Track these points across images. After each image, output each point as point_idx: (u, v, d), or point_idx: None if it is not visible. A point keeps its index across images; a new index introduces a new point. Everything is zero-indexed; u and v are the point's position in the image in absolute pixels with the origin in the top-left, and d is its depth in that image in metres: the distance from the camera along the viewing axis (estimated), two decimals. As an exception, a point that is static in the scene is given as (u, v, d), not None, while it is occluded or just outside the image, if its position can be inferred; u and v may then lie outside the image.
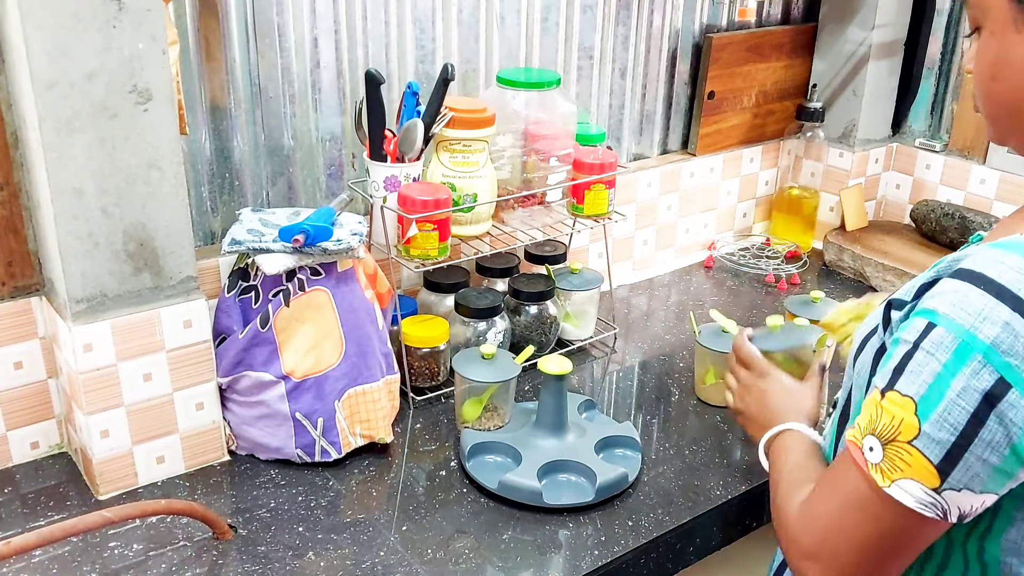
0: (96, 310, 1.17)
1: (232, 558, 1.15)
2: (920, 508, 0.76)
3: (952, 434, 0.74)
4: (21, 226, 1.23)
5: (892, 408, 0.77)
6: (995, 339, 0.72)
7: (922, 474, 0.75)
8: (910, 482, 0.76)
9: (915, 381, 0.75)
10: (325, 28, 1.45)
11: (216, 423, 1.31)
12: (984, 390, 0.72)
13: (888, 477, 0.77)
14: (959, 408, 0.73)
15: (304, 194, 1.52)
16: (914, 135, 2.16)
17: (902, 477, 0.76)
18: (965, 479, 0.75)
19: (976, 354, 0.73)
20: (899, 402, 0.76)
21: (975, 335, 0.73)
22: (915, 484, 0.76)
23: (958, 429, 0.73)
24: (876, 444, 0.78)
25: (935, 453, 0.74)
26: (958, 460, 0.74)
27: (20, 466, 1.31)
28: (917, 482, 0.76)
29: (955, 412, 0.73)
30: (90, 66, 1.07)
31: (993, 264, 0.74)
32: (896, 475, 0.77)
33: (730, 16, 1.99)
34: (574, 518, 1.23)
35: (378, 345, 1.36)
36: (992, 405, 0.72)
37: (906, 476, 0.76)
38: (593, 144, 1.61)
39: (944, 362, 0.74)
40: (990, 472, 0.74)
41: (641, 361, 1.67)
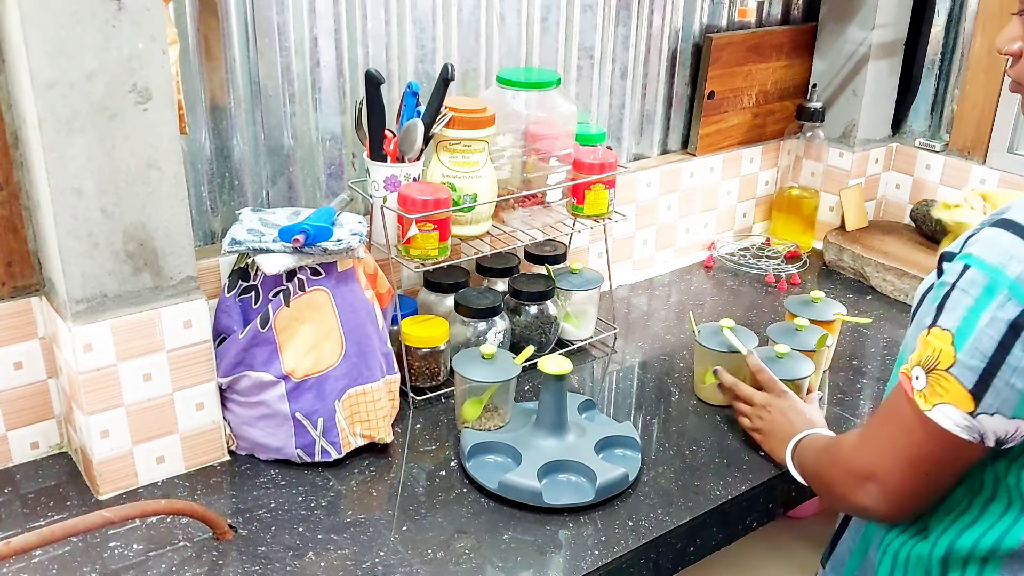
0: (96, 310, 1.17)
1: (232, 558, 1.15)
2: (958, 431, 0.84)
3: (983, 361, 0.82)
4: (21, 226, 1.23)
5: (934, 341, 0.85)
6: (1020, 274, 0.80)
7: (959, 399, 0.84)
8: (949, 407, 0.84)
9: (951, 316, 0.84)
10: (325, 28, 1.45)
11: (216, 423, 1.31)
12: (1010, 320, 0.80)
13: (929, 401, 0.86)
14: (988, 337, 0.81)
15: (304, 194, 1.52)
16: (914, 135, 2.16)
17: (941, 402, 0.85)
18: (997, 403, 0.82)
19: (1003, 289, 0.80)
20: (940, 335, 0.85)
21: (1002, 271, 0.81)
22: (953, 409, 0.84)
23: (987, 356, 0.81)
24: (921, 373, 0.87)
25: (969, 379, 0.83)
26: (989, 385, 0.82)
27: (20, 466, 1.31)
28: (955, 407, 0.84)
29: (985, 341, 0.81)
30: (90, 66, 1.07)
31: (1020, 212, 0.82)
32: (936, 400, 0.85)
33: (730, 16, 1.99)
34: (574, 518, 1.23)
35: (378, 345, 1.36)
36: (1018, 334, 0.80)
37: (945, 400, 0.84)
38: (593, 144, 1.61)
39: (976, 297, 0.82)
40: (1018, 397, 0.82)
41: (641, 361, 1.67)
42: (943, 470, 0.90)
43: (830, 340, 1.53)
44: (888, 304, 1.90)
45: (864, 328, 1.78)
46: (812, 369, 1.42)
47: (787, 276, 1.98)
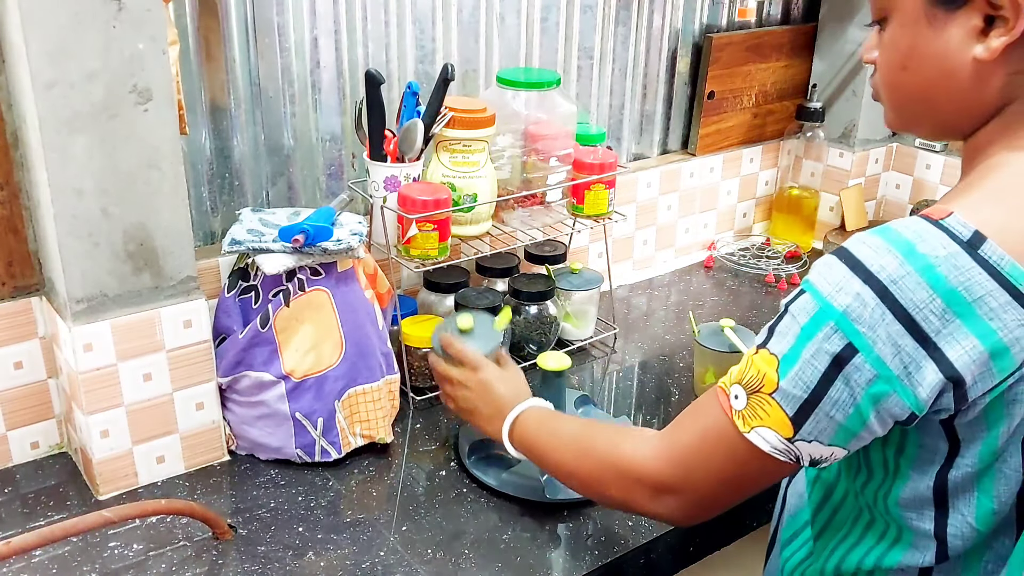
0: (96, 310, 1.17)
1: (232, 558, 1.15)
2: (774, 453, 0.85)
3: (805, 391, 0.81)
4: (21, 226, 1.23)
5: (760, 363, 0.84)
6: (846, 307, 0.78)
7: (778, 424, 0.83)
8: (767, 430, 0.84)
9: (781, 341, 0.83)
10: (325, 28, 1.45)
11: (216, 423, 1.31)
12: (833, 353, 0.79)
13: (748, 424, 0.85)
14: (811, 367, 0.80)
15: (304, 194, 1.52)
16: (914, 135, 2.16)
17: (760, 425, 0.84)
18: (815, 432, 0.82)
19: (830, 320, 0.79)
20: (767, 359, 0.84)
21: (830, 303, 0.79)
22: (771, 432, 0.84)
23: (810, 387, 0.81)
24: (742, 393, 0.86)
25: (790, 407, 0.82)
26: (809, 414, 0.82)
27: (20, 466, 1.31)
28: (773, 431, 0.84)
29: (808, 371, 0.81)
30: (90, 66, 1.07)
31: (857, 243, 0.81)
32: (755, 423, 0.85)
33: (730, 16, 1.99)
34: (574, 518, 1.23)
35: (378, 345, 1.36)
36: (840, 367, 0.79)
37: (764, 424, 0.84)
38: (593, 144, 1.61)
39: (803, 325, 0.81)
40: (836, 428, 0.82)
41: (641, 361, 1.67)
42: (752, 484, 0.91)
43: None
44: (888, 304, 1.90)
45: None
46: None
47: (787, 276, 1.98)
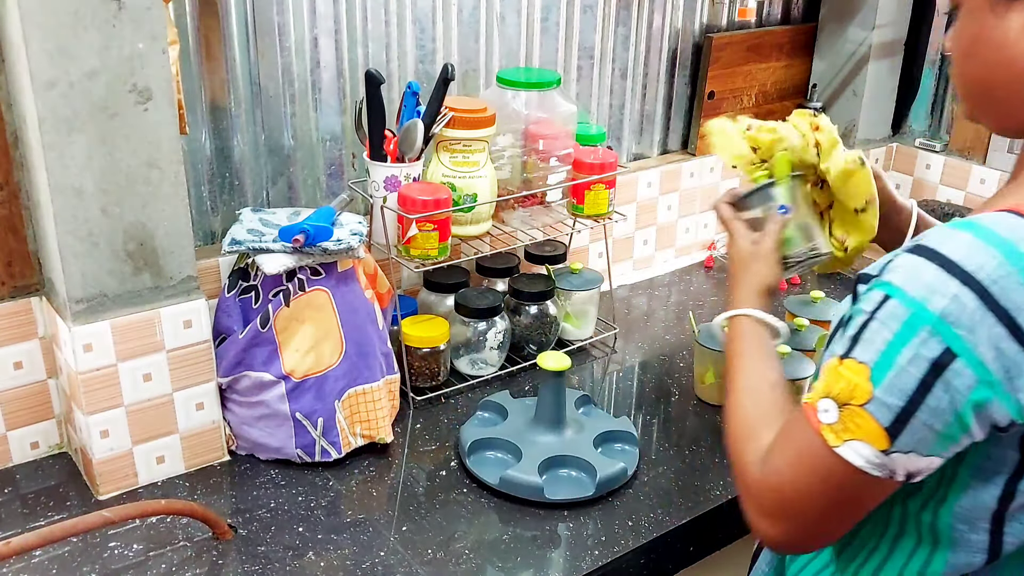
0: (96, 310, 1.17)
1: (232, 558, 1.15)
2: (869, 468, 0.80)
3: (902, 400, 0.77)
4: (21, 226, 1.23)
5: (848, 374, 0.80)
6: (943, 310, 0.75)
7: (872, 436, 0.79)
8: (860, 444, 0.80)
9: (869, 349, 0.79)
10: (325, 28, 1.45)
11: (216, 423, 1.31)
12: (932, 359, 0.76)
13: (840, 437, 0.81)
14: (908, 375, 0.77)
15: (304, 194, 1.52)
16: (914, 135, 2.16)
17: (853, 438, 0.80)
18: (912, 442, 0.78)
19: (925, 325, 0.76)
20: (855, 368, 0.80)
21: (925, 307, 0.76)
22: (865, 446, 0.79)
23: (907, 395, 0.77)
24: (832, 406, 0.81)
25: (885, 417, 0.78)
26: (906, 424, 0.78)
27: (20, 466, 1.31)
28: (867, 444, 0.79)
29: (904, 379, 0.77)
30: (90, 65, 1.07)
31: (945, 240, 0.78)
32: (847, 436, 0.80)
33: (730, 16, 1.99)
34: (574, 518, 1.23)
35: (378, 345, 1.36)
36: (939, 373, 0.76)
37: (856, 437, 0.80)
38: (593, 144, 1.61)
39: (896, 331, 0.77)
40: (936, 437, 0.78)
41: (641, 361, 1.67)
42: (850, 505, 0.85)
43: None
44: (888, 304, 1.90)
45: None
46: (812, 369, 1.42)
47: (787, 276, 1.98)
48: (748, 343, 1.06)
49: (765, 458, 0.90)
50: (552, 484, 1.26)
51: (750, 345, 1.06)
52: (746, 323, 1.08)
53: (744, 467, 0.93)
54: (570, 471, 1.29)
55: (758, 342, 1.06)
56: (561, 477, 1.28)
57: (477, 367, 1.56)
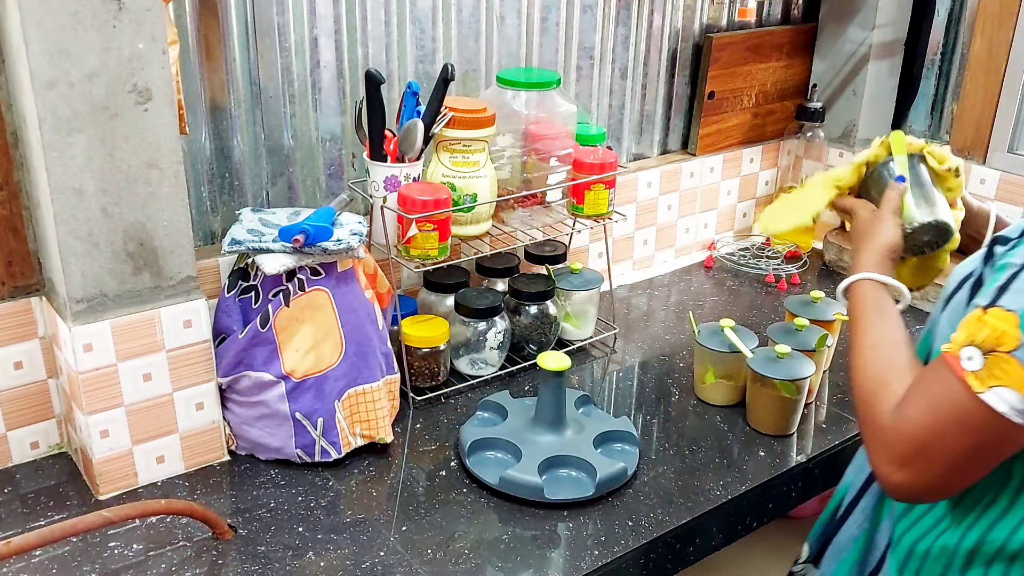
0: (96, 310, 1.17)
1: (232, 558, 1.15)
2: (1013, 416, 0.80)
3: None
4: (21, 226, 1.23)
5: (994, 322, 0.81)
6: None
7: (1020, 383, 0.79)
8: (1007, 390, 0.80)
9: (1019, 298, 0.80)
10: (325, 28, 1.45)
11: (216, 423, 1.31)
12: None
13: (984, 383, 0.81)
14: None
15: (304, 194, 1.52)
16: (914, 135, 2.16)
17: (999, 384, 0.80)
18: None
19: None
20: (1002, 316, 0.80)
21: None
22: (1012, 392, 0.80)
23: None
24: (976, 353, 0.82)
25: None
26: None
27: (20, 466, 1.31)
28: (1013, 390, 0.79)
29: None
30: (90, 66, 1.07)
31: None
32: (993, 382, 0.80)
33: (730, 16, 1.99)
34: (574, 518, 1.23)
35: (378, 345, 1.36)
36: None
37: (1003, 384, 0.80)
38: (593, 144, 1.61)
39: None
40: None
41: (641, 361, 1.67)
42: (988, 455, 0.85)
43: (830, 340, 1.53)
44: (888, 304, 1.90)
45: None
46: (812, 369, 1.42)
47: (787, 276, 1.98)
48: (870, 305, 1.06)
49: (900, 406, 0.90)
50: (552, 484, 1.26)
51: (872, 307, 1.06)
52: (867, 287, 1.08)
53: (875, 416, 0.93)
54: (570, 471, 1.29)
55: (879, 304, 1.06)
56: (561, 477, 1.28)
57: (477, 367, 1.56)
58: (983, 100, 1.99)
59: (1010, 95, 1.94)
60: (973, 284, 0.93)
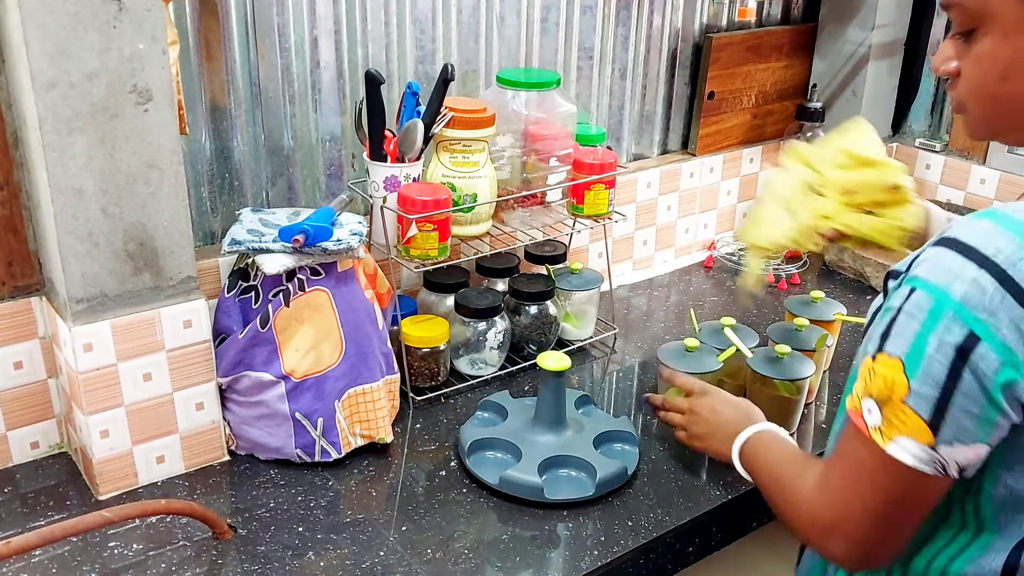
0: (96, 310, 1.17)
1: (232, 558, 1.15)
2: (919, 465, 0.80)
3: (935, 388, 0.78)
4: (21, 226, 1.23)
5: (883, 370, 0.81)
6: (964, 295, 0.76)
7: (916, 431, 0.79)
8: (907, 440, 0.80)
9: (900, 342, 0.80)
10: (325, 28, 1.45)
11: (216, 423, 1.31)
12: (956, 344, 0.77)
13: (887, 436, 0.81)
14: (937, 363, 0.77)
15: (304, 194, 1.52)
16: (914, 135, 2.16)
17: (899, 435, 0.80)
18: (954, 432, 0.79)
19: (947, 311, 0.77)
20: (889, 363, 0.80)
21: (947, 293, 0.77)
22: (911, 442, 0.80)
23: (939, 383, 0.78)
24: (873, 406, 0.82)
25: (924, 409, 0.79)
26: (944, 414, 0.78)
27: (20, 466, 1.31)
28: (913, 440, 0.80)
29: (935, 367, 0.78)
30: (90, 66, 1.07)
31: (964, 228, 0.79)
32: (894, 433, 0.81)
33: (730, 16, 1.99)
34: (574, 518, 1.23)
35: (378, 345, 1.36)
36: (965, 358, 0.77)
37: (903, 433, 0.80)
38: (593, 144, 1.61)
39: (923, 321, 0.78)
40: (975, 422, 0.78)
41: (641, 361, 1.67)
42: (910, 510, 0.85)
43: (830, 340, 1.53)
44: (888, 304, 1.90)
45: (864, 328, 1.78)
46: (812, 369, 1.42)
47: (787, 276, 1.98)
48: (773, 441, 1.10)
49: (821, 477, 0.91)
50: (552, 484, 1.26)
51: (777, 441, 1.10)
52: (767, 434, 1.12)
53: (795, 502, 0.94)
54: (570, 471, 1.29)
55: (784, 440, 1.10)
56: (561, 477, 1.28)
57: (477, 367, 1.56)
58: (983, 100, 1.99)
59: (1010, 95, 1.94)
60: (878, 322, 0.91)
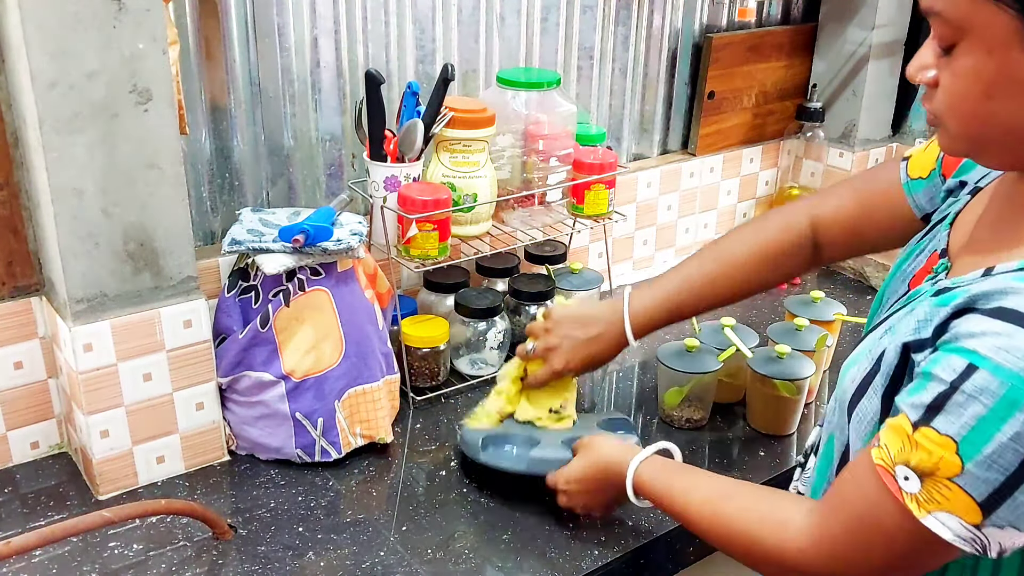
0: (96, 310, 1.17)
1: (232, 558, 1.15)
2: (957, 542, 0.75)
3: (1002, 474, 0.72)
4: (21, 226, 1.23)
5: (928, 444, 0.75)
6: None
7: (963, 510, 0.74)
8: (948, 516, 0.75)
9: (955, 422, 0.74)
10: (325, 28, 1.45)
11: (216, 423, 1.31)
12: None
13: (925, 507, 0.76)
14: (1012, 451, 0.72)
15: (304, 194, 1.52)
16: (914, 135, 2.16)
17: (939, 510, 0.75)
18: (1011, 517, 0.74)
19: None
20: (937, 440, 0.74)
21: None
22: (953, 518, 0.75)
23: (1009, 470, 0.72)
24: (912, 475, 0.76)
25: (979, 491, 0.73)
26: (1006, 498, 0.73)
27: (20, 466, 1.31)
28: (956, 516, 0.75)
29: (1007, 455, 0.72)
30: (90, 66, 1.07)
31: None
32: (933, 507, 0.75)
33: (730, 16, 1.99)
34: (574, 518, 1.23)
35: (378, 345, 1.36)
36: None
37: (944, 509, 0.75)
38: (593, 144, 1.61)
39: (990, 406, 0.72)
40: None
41: (641, 361, 1.67)
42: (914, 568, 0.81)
43: (830, 340, 1.53)
44: (888, 304, 1.90)
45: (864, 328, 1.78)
46: (812, 369, 1.42)
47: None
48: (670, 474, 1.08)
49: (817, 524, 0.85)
50: None
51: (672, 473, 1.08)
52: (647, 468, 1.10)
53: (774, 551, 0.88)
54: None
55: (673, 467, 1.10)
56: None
57: (477, 367, 1.56)
58: (983, 100, 1.99)
59: (1010, 95, 1.94)
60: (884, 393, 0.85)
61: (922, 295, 0.87)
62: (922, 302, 0.84)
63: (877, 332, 0.91)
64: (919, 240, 1.01)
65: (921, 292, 0.89)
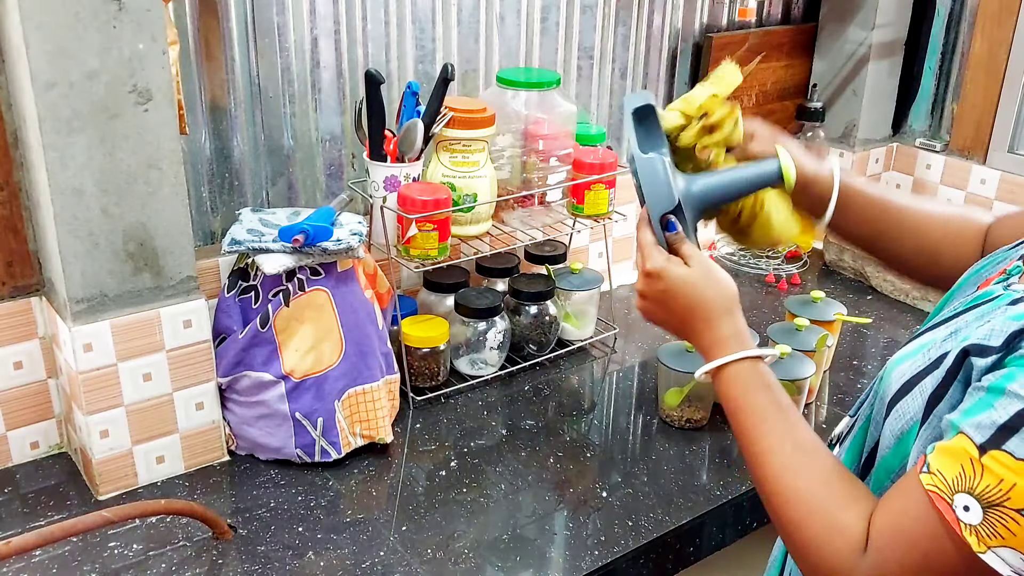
0: (96, 310, 1.17)
1: (232, 558, 1.15)
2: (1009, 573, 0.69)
3: None
4: (21, 226, 1.23)
5: (1000, 470, 0.68)
6: None
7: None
8: (1009, 551, 0.69)
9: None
10: (325, 28, 1.45)
11: (216, 423, 1.31)
12: None
13: (985, 543, 0.69)
14: None
15: (304, 194, 1.52)
16: (914, 135, 2.16)
17: (1002, 545, 0.69)
18: None
19: None
20: (1012, 466, 0.67)
21: None
22: (1015, 554, 0.69)
23: None
24: (974, 505, 0.69)
25: None
26: None
27: (20, 466, 1.31)
28: (1018, 552, 0.69)
29: None
30: (90, 66, 1.07)
31: None
32: (995, 542, 0.69)
33: (730, 16, 1.99)
34: (574, 518, 1.23)
35: (378, 345, 1.36)
36: None
37: (1009, 545, 0.68)
38: (593, 144, 1.61)
39: None
40: None
41: (641, 361, 1.67)
42: None
43: (830, 340, 1.53)
44: (888, 304, 1.90)
45: (864, 328, 1.78)
46: (813, 369, 1.42)
47: (787, 276, 1.98)
48: (755, 396, 0.89)
49: (874, 551, 0.77)
50: None
51: (764, 397, 0.89)
52: (746, 368, 0.91)
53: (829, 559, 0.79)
54: None
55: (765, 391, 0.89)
56: None
57: (477, 367, 1.56)
58: (983, 100, 1.99)
59: (1010, 95, 1.94)
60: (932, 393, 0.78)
61: (993, 298, 0.82)
62: (996, 308, 0.79)
63: (939, 332, 0.84)
64: (1009, 248, 0.93)
65: (991, 294, 0.83)
